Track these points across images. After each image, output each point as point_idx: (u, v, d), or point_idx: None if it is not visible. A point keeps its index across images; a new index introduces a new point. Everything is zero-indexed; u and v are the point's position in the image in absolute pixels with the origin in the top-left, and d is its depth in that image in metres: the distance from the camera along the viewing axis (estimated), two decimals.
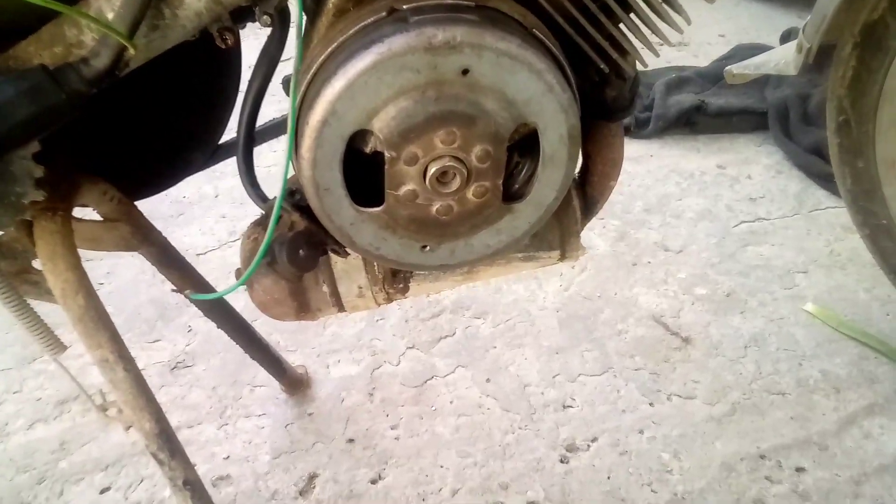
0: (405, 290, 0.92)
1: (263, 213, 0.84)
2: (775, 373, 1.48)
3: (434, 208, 0.69)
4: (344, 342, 1.54)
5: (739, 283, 1.72)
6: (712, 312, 1.64)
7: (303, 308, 0.91)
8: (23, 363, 1.48)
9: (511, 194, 0.72)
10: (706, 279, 1.74)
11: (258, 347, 1.30)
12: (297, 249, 0.73)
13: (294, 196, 0.74)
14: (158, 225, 1.04)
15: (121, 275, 1.74)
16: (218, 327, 1.22)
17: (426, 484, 1.25)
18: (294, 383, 1.41)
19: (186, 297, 0.77)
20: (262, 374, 1.43)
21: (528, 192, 0.71)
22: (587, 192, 0.92)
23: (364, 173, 0.68)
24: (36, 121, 0.63)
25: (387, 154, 0.65)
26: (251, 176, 0.82)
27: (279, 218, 0.70)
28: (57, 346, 0.87)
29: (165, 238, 1.05)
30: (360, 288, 0.90)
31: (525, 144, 0.70)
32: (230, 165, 2.12)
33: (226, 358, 1.49)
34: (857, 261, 1.79)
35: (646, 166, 2.16)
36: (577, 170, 0.88)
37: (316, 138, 0.64)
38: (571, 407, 1.41)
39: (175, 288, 0.78)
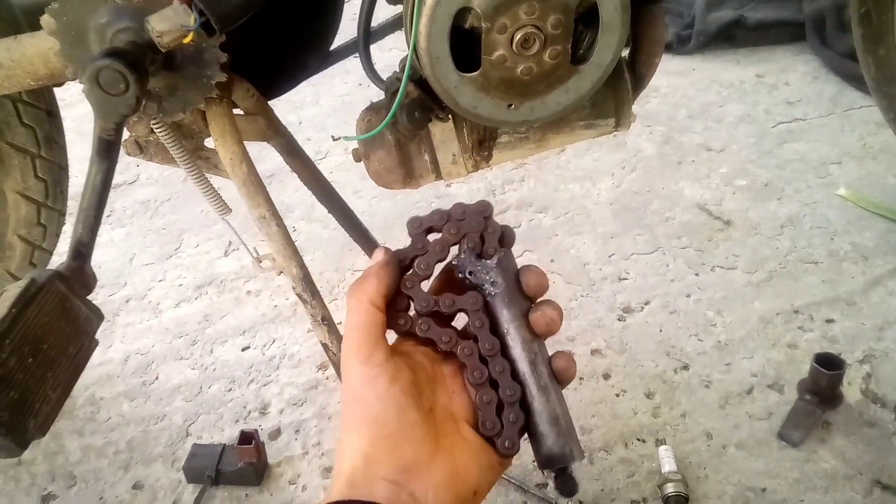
0: (489, 157, 1.14)
1: (371, 102, 1.07)
2: (809, 246, 1.67)
3: (518, 70, 0.91)
4: None
5: (777, 175, 1.89)
6: (751, 199, 1.82)
7: (409, 175, 1.14)
8: (162, 259, 1.78)
9: (577, 58, 0.93)
10: (746, 172, 1.91)
11: (359, 231, 1.54)
12: (413, 111, 0.96)
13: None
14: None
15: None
16: (329, 212, 1.46)
17: None
18: None
19: (333, 138, 0.99)
20: (360, 262, 1.68)
21: (591, 55, 0.92)
22: (636, 68, 1.11)
23: (465, 47, 0.89)
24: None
25: (483, 25, 0.86)
26: (370, 63, 1.05)
27: (407, 83, 0.93)
28: (225, 208, 1.12)
29: (290, 133, 1.29)
30: (454, 155, 1.12)
31: (587, 16, 0.90)
32: (309, 96, 2.36)
33: (328, 251, 1.75)
34: (888, 151, 1.94)
35: (688, 79, 2.32)
36: (627, 50, 1.09)
37: (430, 15, 0.85)
38: (626, 279, 1.63)
39: (333, 135, 1.00)
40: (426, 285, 0.66)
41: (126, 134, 1.10)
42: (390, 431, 0.55)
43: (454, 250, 0.67)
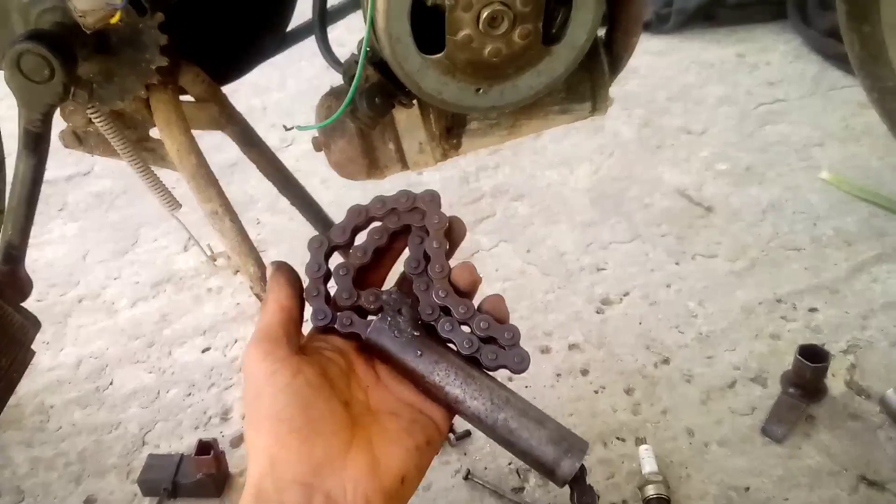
0: (458, 145, 1.07)
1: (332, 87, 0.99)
2: (791, 232, 1.62)
3: (486, 51, 0.83)
4: None
5: (758, 158, 1.84)
6: (732, 184, 1.77)
7: (372, 166, 1.07)
8: (117, 255, 1.69)
9: (550, 37, 0.86)
10: (726, 156, 1.86)
11: (325, 225, 1.47)
12: (373, 97, 0.88)
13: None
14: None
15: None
16: (291, 204, 1.38)
17: None
18: None
19: (286, 128, 0.91)
20: None
21: (564, 34, 0.85)
22: (613, 49, 1.05)
23: (427, 26, 0.82)
24: None
25: (447, 2, 0.78)
26: (327, 46, 0.97)
27: (364, 66, 0.85)
28: (174, 203, 1.04)
29: (246, 120, 1.20)
30: (421, 144, 1.05)
31: None
32: (275, 80, 2.26)
33: (293, 244, 1.67)
34: (871, 133, 1.90)
35: (667, 59, 2.26)
36: (604, 30, 1.02)
37: None
38: (604, 269, 1.57)
39: (286, 125, 0.92)
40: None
41: (63, 123, 1.02)
42: (296, 426, 0.51)
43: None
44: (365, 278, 0.67)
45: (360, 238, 0.68)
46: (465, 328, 0.63)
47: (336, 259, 0.67)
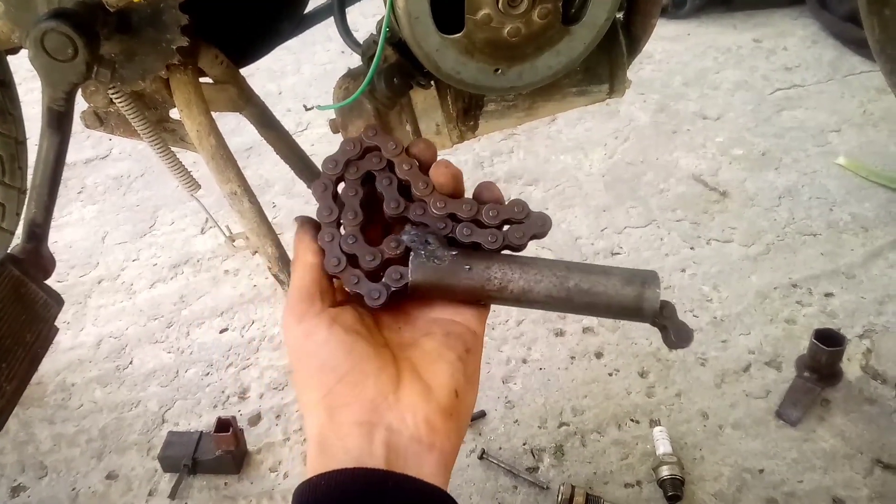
0: (475, 127, 1.07)
1: (349, 69, 0.99)
2: (807, 218, 1.62)
3: (505, 30, 0.83)
4: None
5: (774, 144, 1.83)
6: (748, 170, 1.76)
7: None
8: (136, 237, 1.70)
9: (569, 17, 0.85)
10: (742, 141, 1.85)
11: None
12: (392, 77, 0.89)
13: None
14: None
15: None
16: (297, 175, 1.39)
17: (494, 317, 1.43)
18: None
19: (306, 108, 0.92)
20: None
21: (584, 14, 0.85)
22: (631, 30, 1.04)
23: (447, 6, 0.82)
24: None
25: None
26: (346, 27, 0.97)
27: (384, 46, 0.85)
28: (193, 184, 1.04)
29: (264, 102, 1.21)
30: (438, 125, 1.05)
31: None
32: (290, 65, 2.27)
33: None
34: (889, 118, 1.88)
35: (683, 44, 2.24)
36: (622, 12, 1.01)
37: None
38: (619, 253, 1.57)
39: (306, 105, 0.93)
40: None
41: (84, 104, 1.03)
42: (344, 372, 0.52)
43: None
44: (374, 232, 0.64)
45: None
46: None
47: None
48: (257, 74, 2.12)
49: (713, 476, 1.16)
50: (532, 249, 1.60)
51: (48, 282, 0.99)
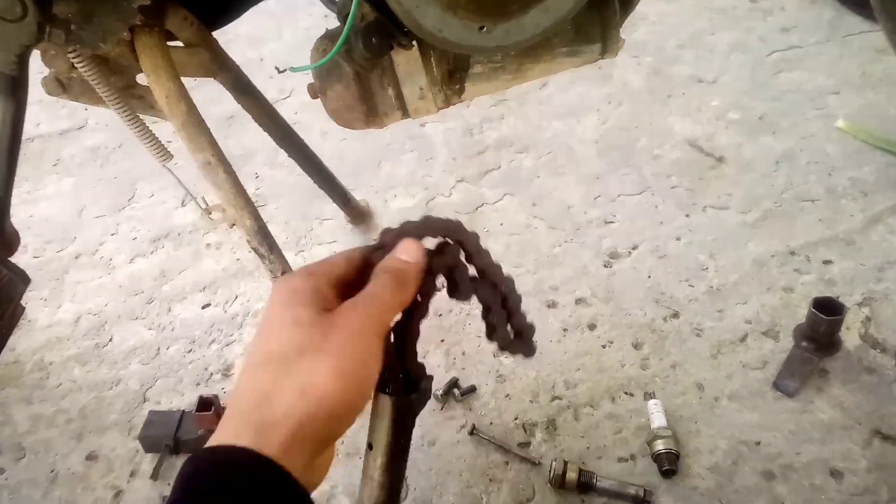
0: (461, 90, 1.02)
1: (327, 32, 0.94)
2: (805, 183, 1.57)
3: None
4: (398, 180, 1.67)
5: (772, 107, 1.78)
6: (745, 134, 1.71)
7: (371, 113, 1.02)
8: (114, 210, 1.65)
9: None
10: (739, 105, 1.80)
11: (325, 177, 1.43)
12: (370, 36, 0.83)
13: None
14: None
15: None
16: (289, 156, 1.34)
17: None
18: (358, 215, 1.55)
19: (278, 70, 0.87)
20: (328, 210, 1.57)
21: None
22: None
23: None
24: None
25: None
26: None
27: (359, 2, 0.80)
28: (165, 154, 0.99)
29: (239, 67, 1.15)
30: (422, 89, 1.00)
31: None
32: (270, 31, 2.20)
33: (293, 199, 1.63)
34: (889, 80, 1.83)
35: (677, 5, 2.17)
36: None
37: None
38: (613, 222, 1.53)
39: (278, 67, 0.88)
40: None
41: (46, 70, 0.97)
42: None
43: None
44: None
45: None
46: None
47: None
48: (237, 41, 2.05)
49: (709, 449, 1.13)
50: (524, 221, 1.55)
51: (21, 261, 0.95)
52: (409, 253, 0.59)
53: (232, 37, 2.00)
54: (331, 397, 0.48)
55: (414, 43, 0.90)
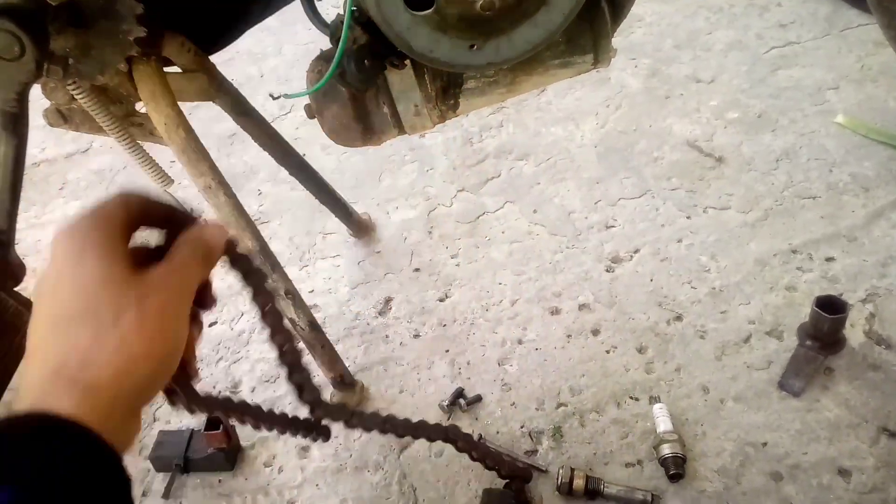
0: (456, 106, 1.03)
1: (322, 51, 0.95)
2: (806, 180, 1.57)
3: (478, 4, 0.79)
4: (399, 191, 1.68)
5: (770, 104, 1.78)
6: (744, 133, 1.71)
7: (368, 131, 1.03)
8: None
9: None
10: (737, 104, 1.80)
11: (326, 192, 1.44)
12: (363, 59, 0.84)
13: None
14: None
15: None
16: (290, 174, 1.35)
17: (487, 298, 1.41)
18: (360, 228, 1.56)
19: (272, 97, 0.88)
20: (330, 224, 1.58)
21: None
22: None
23: None
24: None
25: None
26: (312, 6, 0.92)
27: (350, 26, 0.81)
28: (165, 179, 1.01)
29: (237, 89, 1.17)
30: (416, 106, 1.01)
31: None
32: (270, 47, 2.21)
33: (296, 214, 1.65)
34: (888, 73, 1.82)
35: (673, 5, 2.18)
36: None
37: None
38: (613, 227, 1.53)
39: (272, 94, 0.90)
40: None
41: (47, 102, 0.99)
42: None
43: None
44: None
45: None
46: None
47: None
48: (237, 58, 2.07)
49: (715, 452, 1.14)
50: (525, 228, 1.56)
51: (22, 285, 0.96)
52: (220, 232, 0.58)
53: (232, 54, 2.02)
54: (152, 361, 0.47)
55: (407, 62, 0.91)
